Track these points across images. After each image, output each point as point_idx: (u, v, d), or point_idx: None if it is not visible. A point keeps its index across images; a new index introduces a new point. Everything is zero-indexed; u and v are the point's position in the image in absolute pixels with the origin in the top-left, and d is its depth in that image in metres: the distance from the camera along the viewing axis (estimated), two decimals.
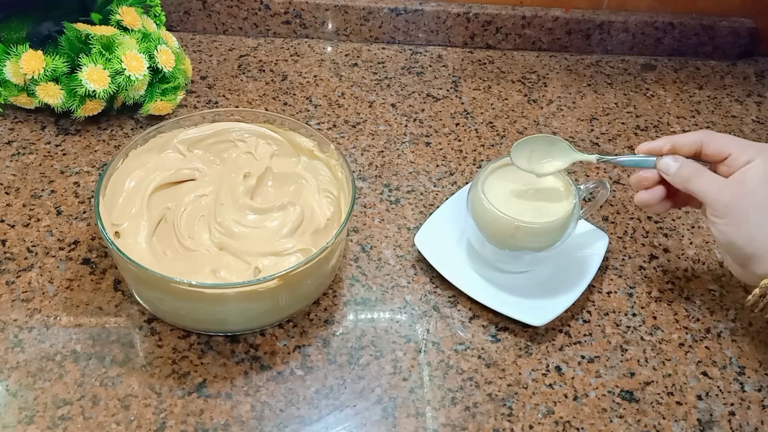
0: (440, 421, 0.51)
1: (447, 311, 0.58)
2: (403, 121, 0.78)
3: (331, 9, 0.87)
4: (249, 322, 0.54)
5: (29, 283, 0.57)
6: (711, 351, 0.57)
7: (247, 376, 0.52)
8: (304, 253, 0.54)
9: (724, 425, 0.52)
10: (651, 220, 0.69)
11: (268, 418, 0.50)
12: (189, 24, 0.88)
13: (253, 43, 0.88)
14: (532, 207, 0.56)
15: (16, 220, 0.62)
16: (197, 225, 0.56)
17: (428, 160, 0.73)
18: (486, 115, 0.80)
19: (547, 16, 0.88)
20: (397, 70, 0.86)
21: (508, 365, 0.55)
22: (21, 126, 0.72)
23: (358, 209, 0.67)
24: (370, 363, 0.54)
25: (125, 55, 0.68)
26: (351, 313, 0.58)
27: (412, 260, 0.62)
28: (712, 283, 0.63)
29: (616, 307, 0.60)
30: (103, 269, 0.59)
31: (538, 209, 0.56)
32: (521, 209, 0.56)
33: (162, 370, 0.52)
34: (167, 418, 0.49)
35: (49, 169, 0.68)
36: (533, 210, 0.56)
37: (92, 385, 0.51)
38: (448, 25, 0.89)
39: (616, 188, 0.72)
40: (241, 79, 0.82)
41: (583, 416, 0.52)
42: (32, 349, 0.52)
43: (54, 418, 0.49)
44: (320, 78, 0.83)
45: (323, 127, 0.76)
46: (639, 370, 0.55)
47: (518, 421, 0.51)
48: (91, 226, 0.62)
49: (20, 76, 0.68)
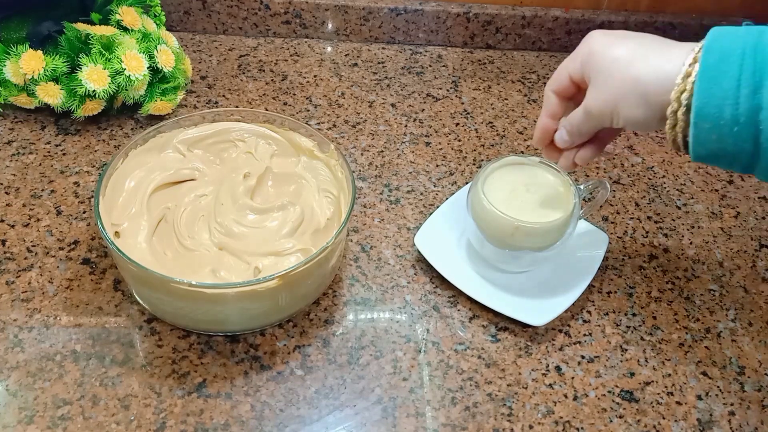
0: (440, 421, 0.51)
1: (447, 311, 0.58)
2: (403, 121, 0.78)
3: (331, 9, 0.87)
4: (249, 322, 0.54)
5: (29, 283, 0.57)
6: (711, 351, 0.57)
7: (247, 376, 0.52)
8: (304, 253, 0.54)
9: (724, 425, 0.52)
10: (651, 220, 0.69)
11: (268, 418, 0.50)
12: (189, 24, 0.88)
13: (253, 43, 0.88)
14: (532, 207, 0.56)
15: (16, 220, 0.62)
16: (197, 225, 0.56)
17: (428, 160, 0.73)
18: (486, 115, 0.80)
19: (547, 16, 0.88)
20: (397, 70, 0.86)
21: (508, 365, 0.55)
22: (21, 126, 0.72)
23: (358, 209, 0.67)
24: (370, 363, 0.54)
25: (125, 55, 0.68)
26: (351, 313, 0.58)
27: (412, 260, 0.62)
28: (712, 283, 0.63)
29: (616, 307, 0.60)
30: (103, 269, 0.59)
31: (538, 209, 0.56)
32: (521, 209, 0.56)
33: (162, 370, 0.52)
34: (167, 418, 0.49)
35: (49, 169, 0.68)
36: (533, 210, 0.56)
37: (92, 385, 0.51)
38: (448, 25, 0.89)
39: (616, 188, 0.72)
40: (241, 79, 0.82)
41: (583, 416, 0.52)
42: (32, 349, 0.52)
43: (54, 418, 0.49)
44: (320, 78, 0.83)
45: (323, 127, 0.76)
46: (639, 370, 0.55)
47: (518, 421, 0.51)
48: (91, 226, 0.62)
49: (20, 76, 0.68)
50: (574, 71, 0.49)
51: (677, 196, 0.72)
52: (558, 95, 0.51)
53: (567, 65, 0.50)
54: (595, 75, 0.47)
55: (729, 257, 0.66)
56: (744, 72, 0.39)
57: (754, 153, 0.41)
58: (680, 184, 0.73)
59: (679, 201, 0.71)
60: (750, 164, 0.42)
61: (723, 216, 0.70)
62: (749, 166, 0.42)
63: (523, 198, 0.57)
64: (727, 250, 0.66)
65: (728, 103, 0.40)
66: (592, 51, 0.47)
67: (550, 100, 0.52)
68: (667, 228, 0.68)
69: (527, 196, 0.57)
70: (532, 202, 0.57)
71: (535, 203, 0.56)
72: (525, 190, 0.57)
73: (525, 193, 0.57)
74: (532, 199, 0.57)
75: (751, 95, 0.39)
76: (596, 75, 0.47)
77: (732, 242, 0.67)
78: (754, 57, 0.39)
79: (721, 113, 0.40)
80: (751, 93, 0.39)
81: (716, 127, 0.41)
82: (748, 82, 0.39)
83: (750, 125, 0.40)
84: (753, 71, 0.39)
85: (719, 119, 0.40)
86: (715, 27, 0.43)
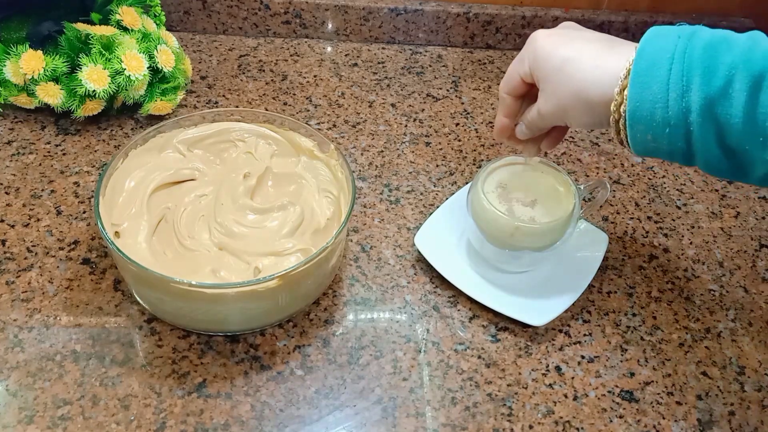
0: (440, 421, 0.51)
1: (447, 311, 0.58)
2: (403, 121, 0.78)
3: (331, 9, 0.87)
4: (249, 322, 0.54)
5: (29, 283, 0.57)
6: (711, 351, 0.57)
7: (247, 376, 0.52)
8: (304, 253, 0.54)
9: (724, 425, 0.52)
10: (651, 220, 0.69)
11: (268, 418, 0.50)
12: (189, 24, 0.88)
13: (253, 43, 0.88)
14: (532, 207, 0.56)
15: (16, 220, 0.62)
16: (197, 225, 0.56)
17: (428, 160, 0.73)
18: (486, 115, 0.80)
19: (547, 16, 0.88)
20: (397, 70, 0.86)
21: (508, 365, 0.55)
22: (21, 126, 0.72)
23: (358, 209, 0.67)
24: (370, 363, 0.54)
25: (125, 55, 0.68)
26: (351, 313, 0.58)
27: (412, 260, 0.62)
28: (712, 283, 0.63)
29: (616, 307, 0.60)
30: (103, 269, 0.59)
31: (538, 209, 0.56)
32: (521, 209, 0.56)
33: (162, 370, 0.52)
34: (167, 418, 0.49)
35: (49, 169, 0.68)
36: (533, 210, 0.56)
37: (92, 385, 0.51)
38: (448, 25, 0.89)
39: (616, 188, 0.72)
40: (241, 79, 0.82)
41: (583, 416, 0.52)
42: (32, 349, 0.52)
43: (54, 418, 0.49)
44: (320, 78, 0.83)
45: (323, 127, 0.76)
46: (639, 370, 0.55)
47: (518, 421, 0.51)
48: (91, 226, 0.62)
49: (20, 76, 0.68)
50: (524, 74, 0.50)
51: (677, 196, 0.72)
52: (512, 95, 0.52)
53: (516, 68, 0.51)
54: (543, 83, 0.48)
55: (729, 257, 0.66)
56: (672, 76, 0.41)
57: (687, 151, 0.43)
58: (680, 184, 0.73)
59: (679, 201, 0.71)
60: (688, 160, 0.44)
61: (723, 216, 0.70)
62: (688, 161, 0.44)
63: (523, 198, 0.57)
64: (727, 250, 0.66)
65: (658, 106, 0.42)
66: (537, 57, 0.48)
67: (506, 101, 0.53)
68: (667, 228, 0.68)
69: (527, 196, 0.57)
70: (532, 203, 0.57)
71: (535, 203, 0.56)
72: (525, 190, 0.57)
73: (525, 193, 0.57)
74: (532, 200, 0.57)
75: (679, 99, 0.41)
76: (544, 83, 0.48)
77: (732, 242, 0.67)
78: (682, 61, 0.41)
79: (652, 116, 0.42)
80: (679, 96, 0.41)
81: (649, 128, 0.43)
82: (677, 86, 0.41)
83: (680, 126, 0.42)
84: (681, 75, 0.41)
85: (651, 121, 0.42)
86: (652, 27, 0.44)
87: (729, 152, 0.42)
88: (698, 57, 0.41)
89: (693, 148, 0.42)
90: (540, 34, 0.49)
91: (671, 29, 0.43)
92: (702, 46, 0.41)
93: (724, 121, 0.40)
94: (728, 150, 0.41)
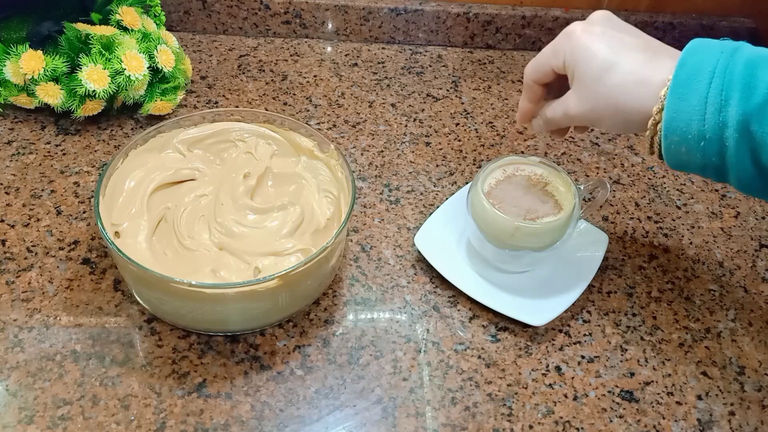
0: (440, 421, 0.51)
1: (447, 311, 0.58)
2: (403, 121, 0.78)
3: (331, 9, 0.87)
4: (249, 322, 0.54)
5: (29, 283, 0.57)
6: (711, 351, 0.57)
7: (247, 376, 0.52)
8: (304, 253, 0.54)
9: (724, 425, 0.52)
10: (651, 220, 0.69)
11: (268, 418, 0.50)
12: (189, 24, 0.88)
13: (253, 43, 0.88)
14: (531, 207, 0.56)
15: (16, 220, 0.62)
16: (197, 225, 0.56)
17: (428, 160, 0.73)
18: (486, 115, 0.80)
19: (547, 16, 0.88)
20: (397, 70, 0.86)
21: (508, 365, 0.55)
22: (21, 126, 0.72)
23: (358, 209, 0.67)
24: (370, 363, 0.54)
25: (125, 55, 0.68)
26: (351, 313, 0.58)
27: (412, 260, 0.62)
28: (712, 283, 0.63)
29: (616, 307, 0.60)
30: (103, 269, 0.59)
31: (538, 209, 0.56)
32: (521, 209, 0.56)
33: (162, 370, 0.52)
34: (167, 418, 0.49)
35: (49, 169, 0.68)
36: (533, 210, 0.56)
37: (92, 385, 0.51)
38: (448, 25, 0.89)
39: (616, 188, 0.72)
40: (241, 79, 0.82)
41: (583, 416, 0.52)
42: (32, 349, 0.52)
43: (54, 418, 0.49)
44: (320, 78, 0.83)
45: (323, 127, 0.76)
46: (639, 370, 0.55)
47: (518, 421, 0.51)
48: (91, 226, 0.62)
49: (20, 76, 0.68)
50: (557, 67, 0.50)
51: (677, 196, 0.72)
52: (540, 84, 0.52)
53: (549, 60, 0.50)
54: (579, 84, 0.48)
55: (729, 257, 0.66)
56: (712, 90, 0.41)
57: (721, 166, 0.43)
58: (680, 184, 0.73)
59: (679, 201, 0.71)
60: (721, 175, 0.44)
61: (723, 216, 0.70)
62: (721, 176, 0.44)
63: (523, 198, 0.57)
64: (727, 250, 0.66)
65: (695, 119, 0.41)
66: (575, 56, 0.47)
67: (532, 88, 0.52)
68: (667, 228, 0.68)
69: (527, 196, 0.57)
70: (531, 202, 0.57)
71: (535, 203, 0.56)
72: (525, 190, 0.57)
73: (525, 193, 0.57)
74: (532, 199, 0.57)
75: (716, 113, 0.41)
76: (579, 85, 0.48)
77: (732, 242, 0.67)
78: (723, 76, 0.41)
79: (688, 128, 0.42)
80: (716, 111, 0.41)
81: (683, 141, 0.43)
82: (715, 100, 0.41)
83: (715, 141, 0.41)
84: (720, 90, 0.41)
85: (687, 133, 0.42)
86: (695, 39, 0.44)
87: (763, 171, 0.41)
88: (739, 73, 0.40)
89: (727, 164, 0.42)
90: (578, 29, 0.48)
91: (714, 43, 0.43)
92: (743, 62, 0.41)
93: (760, 140, 0.40)
94: (762, 169, 0.41)
